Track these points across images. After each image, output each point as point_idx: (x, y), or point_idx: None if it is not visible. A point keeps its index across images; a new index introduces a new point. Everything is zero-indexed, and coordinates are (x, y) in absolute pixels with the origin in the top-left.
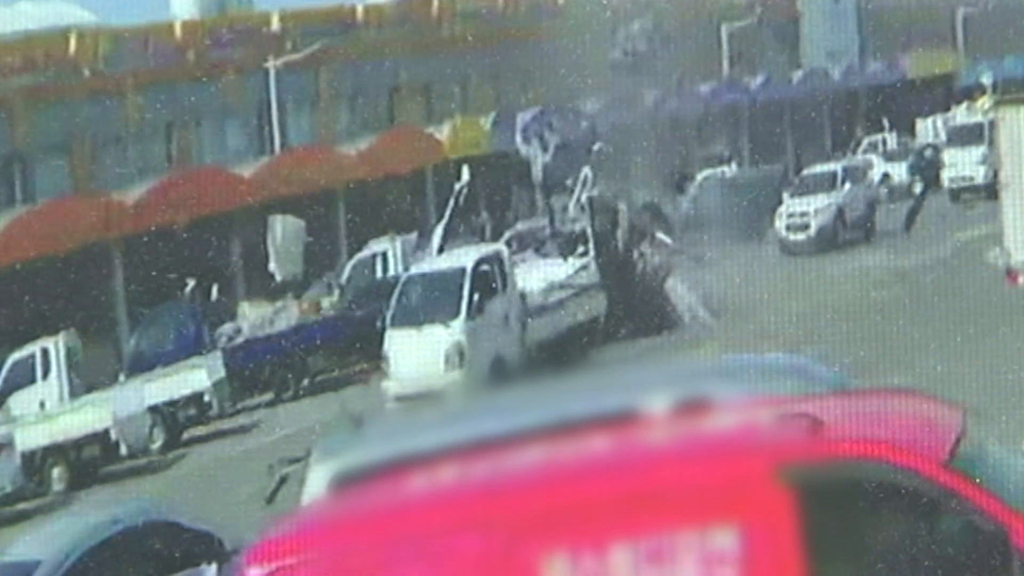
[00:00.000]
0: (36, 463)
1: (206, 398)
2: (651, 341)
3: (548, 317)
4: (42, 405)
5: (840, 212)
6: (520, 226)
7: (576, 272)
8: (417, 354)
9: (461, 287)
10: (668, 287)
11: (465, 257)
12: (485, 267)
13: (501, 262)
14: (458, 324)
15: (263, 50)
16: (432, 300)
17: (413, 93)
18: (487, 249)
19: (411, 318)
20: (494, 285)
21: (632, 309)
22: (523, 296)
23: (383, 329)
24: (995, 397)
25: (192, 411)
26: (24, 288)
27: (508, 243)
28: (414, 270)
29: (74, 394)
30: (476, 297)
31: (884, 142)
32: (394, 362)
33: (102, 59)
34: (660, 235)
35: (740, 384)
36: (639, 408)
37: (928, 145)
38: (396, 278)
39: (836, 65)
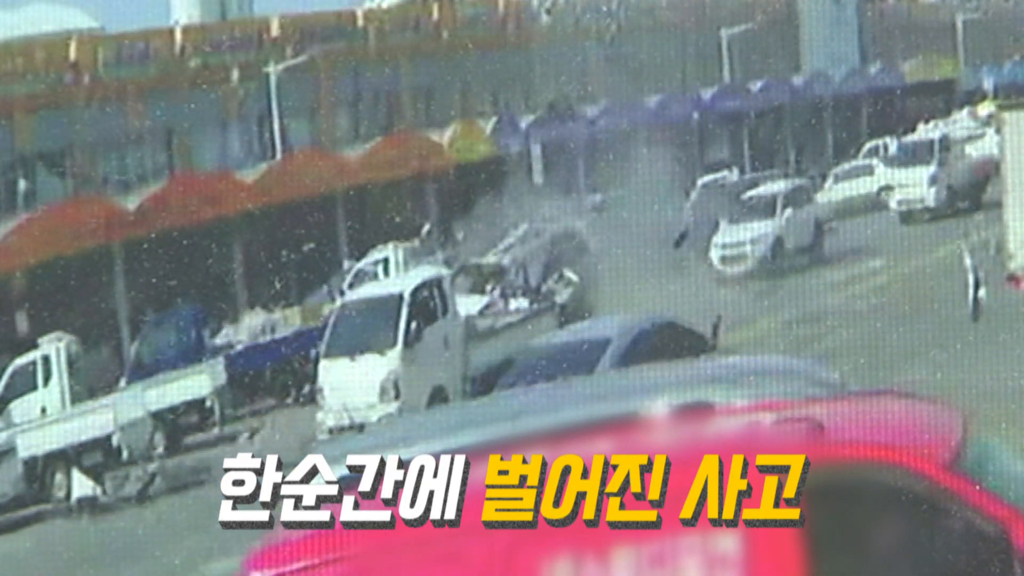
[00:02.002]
0: (38, 469)
1: (208, 404)
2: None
3: (493, 344)
4: (43, 411)
5: (779, 240)
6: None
7: (482, 310)
8: (351, 385)
9: (398, 314)
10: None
11: (403, 282)
12: (424, 292)
13: (441, 287)
14: (394, 353)
15: (264, 55)
16: (368, 328)
17: (414, 98)
18: (426, 274)
19: (345, 347)
20: (434, 311)
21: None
22: (467, 322)
23: (317, 359)
24: (995, 401)
25: (194, 417)
26: (25, 294)
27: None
28: (349, 296)
29: (75, 400)
30: (414, 325)
31: (885, 147)
32: (327, 393)
33: (103, 65)
34: (567, 272)
35: (741, 388)
36: (641, 412)
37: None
38: None
39: (837, 70)
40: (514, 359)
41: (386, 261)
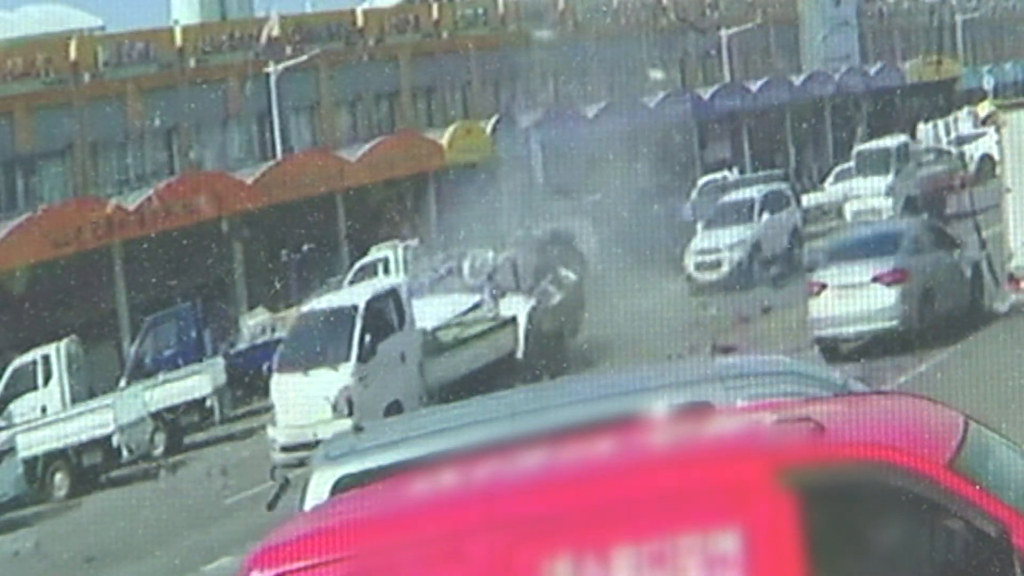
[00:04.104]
0: (38, 469)
1: (208, 404)
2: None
3: (452, 356)
4: (44, 411)
5: (757, 247)
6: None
7: (468, 310)
8: (303, 401)
9: (352, 327)
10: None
11: (358, 294)
12: (379, 304)
13: (398, 298)
14: (348, 368)
15: (263, 55)
16: (321, 342)
17: (414, 98)
18: (382, 285)
19: (298, 361)
20: (390, 324)
21: (537, 349)
22: (425, 335)
23: (269, 373)
24: (995, 401)
25: (194, 417)
26: (25, 294)
27: None
28: (305, 308)
29: (76, 400)
30: (368, 338)
31: None
32: (279, 409)
33: (103, 64)
34: (563, 271)
35: (741, 388)
36: (640, 412)
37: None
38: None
39: (837, 70)
40: (831, 243)
41: (386, 260)
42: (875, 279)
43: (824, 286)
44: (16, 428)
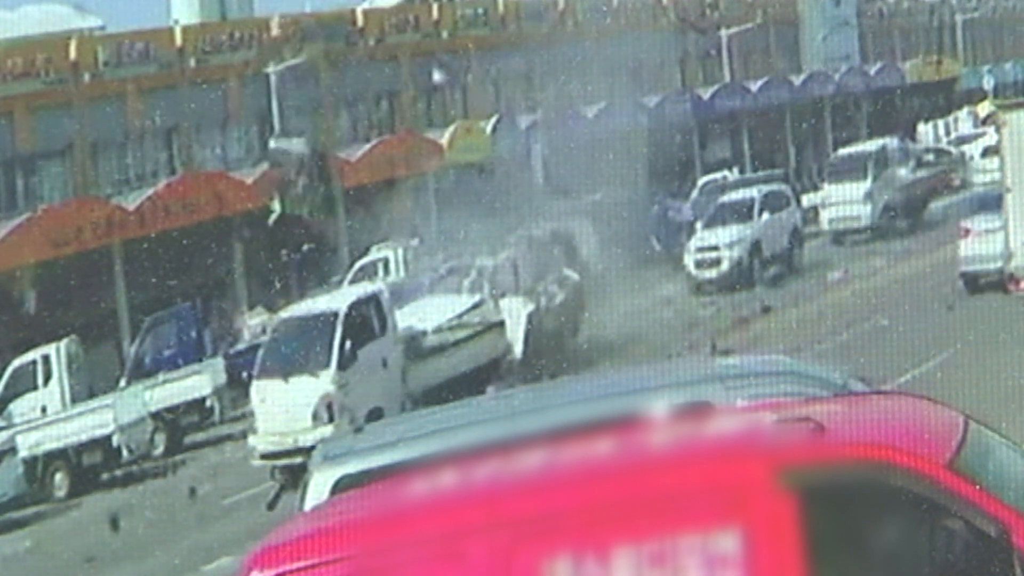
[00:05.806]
0: (38, 469)
1: (208, 404)
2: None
3: (436, 361)
4: (43, 411)
5: (756, 245)
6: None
7: (469, 309)
8: (284, 408)
9: (333, 333)
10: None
11: (339, 299)
12: (361, 310)
13: (380, 304)
14: (328, 374)
15: (263, 55)
16: (301, 348)
17: (414, 97)
18: (363, 290)
19: (278, 368)
20: (371, 329)
21: (538, 349)
22: (412, 339)
23: (250, 379)
24: (995, 401)
25: (194, 417)
26: (25, 294)
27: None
28: (286, 313)
29: (76, 400)
30: (349, 344)
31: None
32: (260, 416)
33: (103, 64)
34: (567, 271)
35: (741, 388)
36: (640, 412)
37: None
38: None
39: (837, 69)
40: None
41: (386, 260)
42: None
43: (969, 231)
44: (16, 428)
